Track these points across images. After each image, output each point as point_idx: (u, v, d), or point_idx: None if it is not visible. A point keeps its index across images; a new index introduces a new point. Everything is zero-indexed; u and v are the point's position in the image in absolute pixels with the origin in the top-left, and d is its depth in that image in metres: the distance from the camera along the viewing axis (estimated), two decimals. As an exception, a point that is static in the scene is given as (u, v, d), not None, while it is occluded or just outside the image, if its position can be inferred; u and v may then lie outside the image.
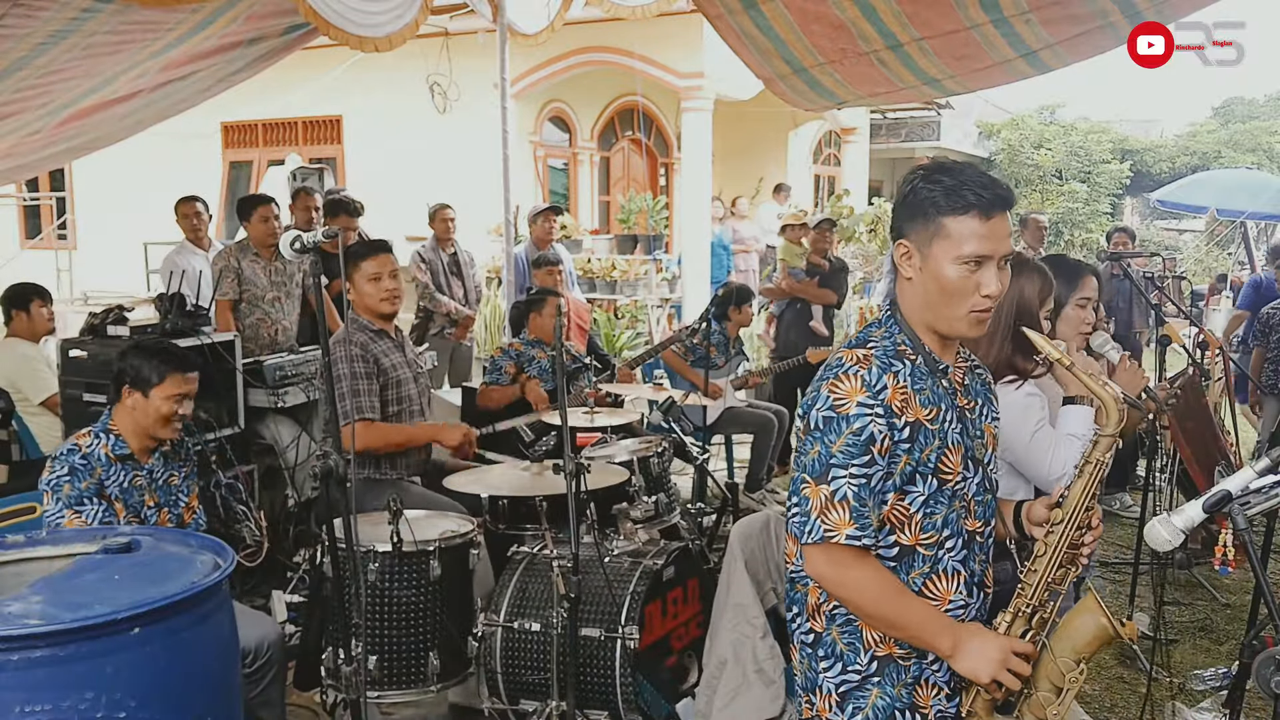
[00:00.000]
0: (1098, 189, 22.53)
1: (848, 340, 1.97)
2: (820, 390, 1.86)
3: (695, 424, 5.66)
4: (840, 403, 1.82)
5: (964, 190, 1.83)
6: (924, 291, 1.89)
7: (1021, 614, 1.90)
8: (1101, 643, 1.91)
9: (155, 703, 2.03)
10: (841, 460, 1.81)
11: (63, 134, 5.68)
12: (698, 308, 8.80)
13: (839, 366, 1.86)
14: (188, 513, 3.40)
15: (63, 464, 3.13)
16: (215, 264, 5.55)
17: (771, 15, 5.89)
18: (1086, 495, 1.90)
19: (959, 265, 1.83)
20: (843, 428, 1.81)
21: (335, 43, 4.95)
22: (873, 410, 1.81)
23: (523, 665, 3.34)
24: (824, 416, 1.83)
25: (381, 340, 4.01)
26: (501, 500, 3.86)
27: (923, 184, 1.87)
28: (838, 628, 1.93)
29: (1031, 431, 2.58)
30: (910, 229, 1.89)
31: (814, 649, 1.96)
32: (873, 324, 1.98)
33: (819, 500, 1.82)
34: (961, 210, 1.83)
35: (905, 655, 1.91)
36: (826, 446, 1.82)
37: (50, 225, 14.03)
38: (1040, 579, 1.90)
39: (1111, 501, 6.27)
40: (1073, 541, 1.91)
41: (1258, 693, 2.22)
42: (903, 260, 1.91)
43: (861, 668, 1.92)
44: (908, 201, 1.90)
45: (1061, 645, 1.90)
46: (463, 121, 11.16)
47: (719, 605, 3.37)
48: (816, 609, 1.95)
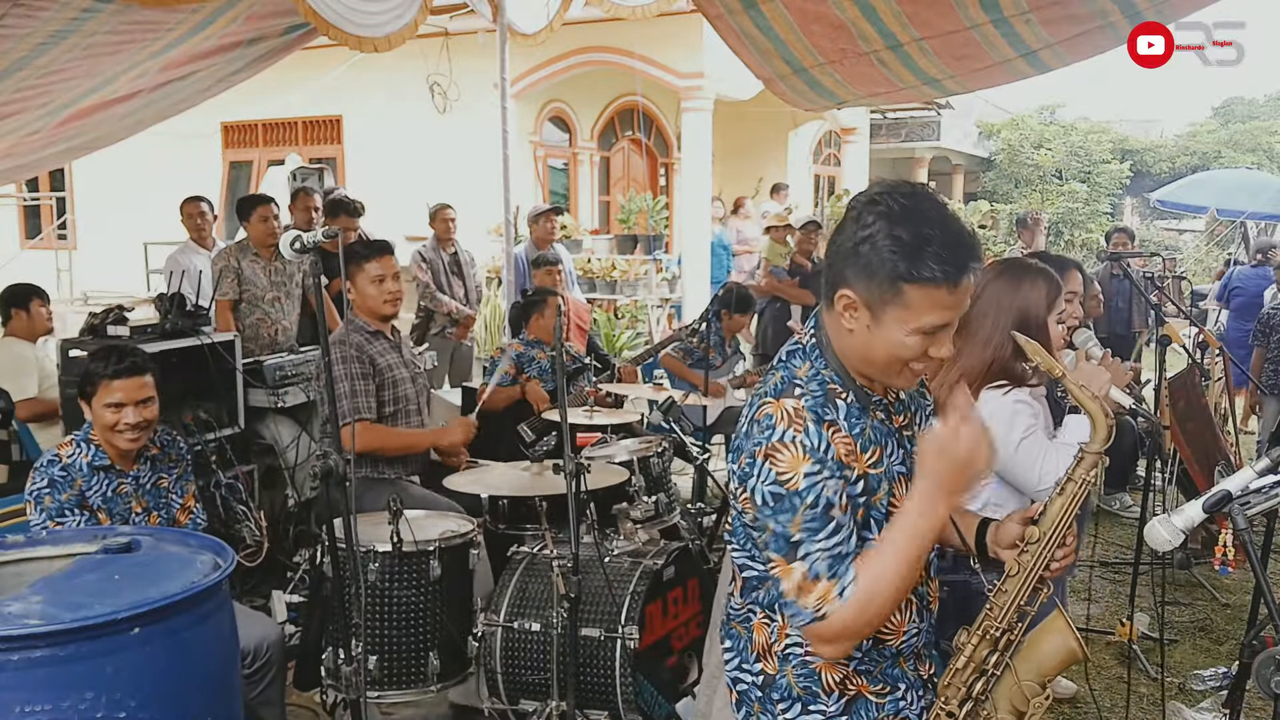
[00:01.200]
0: (1098, 189, 22.55)
1: (768, 380, 1.75)
2: (758, 461, 1.65)
3: (695, 424, 5.66)
4: (786, 476, 1.62)
5: (928, 257, 1.58)
6: (865, 348, 1.68)
7: (988, 637, 1.78)
8: (1067, 664, 1.81)
9: (155, 703, 2.04)
10: (807, 537, 1.63)
11: (63, 134, 5.68)
12: (698, 308, 8.79)
13: (770, 430, 1.64)
14: (183, 513, 3.36)
15: (42, 476, 3.07)
16: (215, 264, 5.55)
17: (771, 15, 5.89)
18: (1066, 514, 1.77)
19: (915, 336, 1.63)
20: (796, 504, 1.62)
21: (335, 43, 4.94)
22: (821, 475, 1.63)
23: (523, 665, 3.34)
24: (771, 493, 1.63)
25: (378, 341, 4.01)
26: (501, 500, 3.86)
27: (882, 237, 1.60)
28: (792, 669, 1.77)
29: (1017, 440, 2.53)
30: (859, 283, 1.64)
31: (766, 691, 1.79)
32: (794, 352, 1.77)
33: (794, 581, 1.64)
34: (927, 281, 1.59)
35: (880, 693, 1.79)
36: (784, 526, 1.63)
37: (50, 225, 14.03)
38: (1011, 600, 1.77)
39: (1111, 501, 6.27)
40: (1047, 562, 1.78)
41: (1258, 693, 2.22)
42: (844, 311, 1.67)
43: (826, 708, 1.76)
44: (859, 253, 1.62)
45: (1026, 667, 1.79)
46: (463, 121, 11.16)
47: (719, 605, 3.36)
48: (767, 650, 1.79)
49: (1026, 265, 2.75)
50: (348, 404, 3.77)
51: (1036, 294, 2.63)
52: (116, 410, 3.08)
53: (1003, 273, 2.74)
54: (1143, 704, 3.84)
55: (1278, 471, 1.84)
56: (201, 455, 4.25)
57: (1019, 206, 19.82)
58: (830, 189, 17.06)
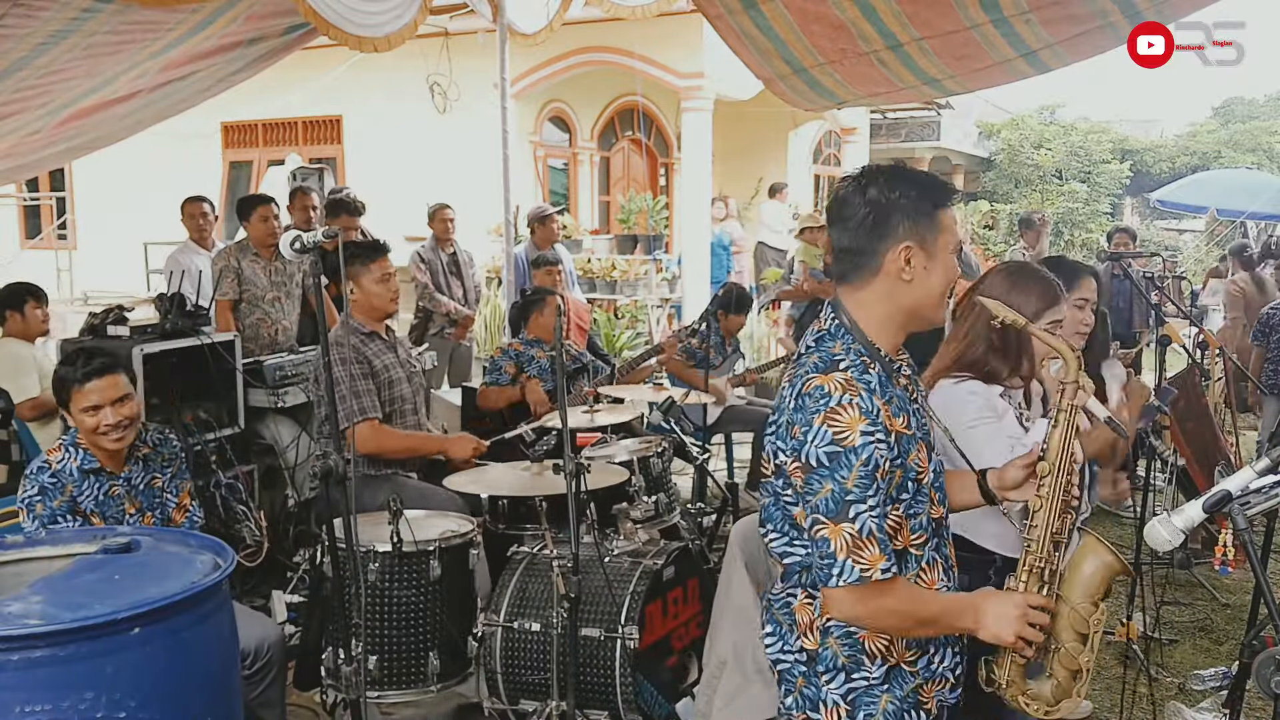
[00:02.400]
0: (1098, 189, 22.53)
1: (804, 363, 1.88)
2: (815, 426, 1.78)
3: (695, 424, 5.66)
4: (843, 435, 1.76)
5: (938, 185, 1.89)
6: (925, 288, 1.87)
7: (1034, 571, 1.92)
8: (1111, 578, 1.94)
9: (155, 703, 2.04)
10: (859, 495, 1.76)
11: (63, 134, 5.68)
12: (698, 308, 8.79)
13: (826, 398, 1.78)
14: (179, 513, 3.32)
15: (33, 483, 3.04)
16: (215, 264, 5.54)
17: (771, 15, 5.89)
18: (1066, 441, 1.93)
19: (951, 255, 1.88)
20: (852, 460, 1.76)
21: (335, 43, 4.95)
22: (875, 436, 1.77)
23: (523, 665, 3.34)
24: (827, 452, 1.77)
25: (373, 341, 4.04)
26: (501, 500, 3.86)
27: (907, 186, 1.85)
28: (836, 640, 1.89)
29: (966, 425, 2.45)
30: (910, 231, 1.84)
31: (810, 665, 1.92)
32: (823, 336, 1.91)
33: (843, 540, 1.76)
34: (946, 203, 1.88)
35: (912, 661, 1.91)
36: (839, 483, 1.76)
37: (50, 225, 14.03)
38: (1043, 533, 1.92)
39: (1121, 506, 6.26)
40: (1065, 487, 1.93)
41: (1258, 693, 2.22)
42: (907, 264, 1.85)
43: (869, 675, 1.89)
44: (896, 206, 1.84)
45: (1074, 592, 1.93)
46: (463, 121, 11.16)
47: (719, 605, 3.37)
48: (809, 626, 1.91)
49: (1029, 271, 2.69)
50: (354, 404, 3.78)
51: (1025, 301, 2.56)
52: (94, 413, 3.03)
53: (1000, 273, 2.74)
54: (1143, 704, 3.83)
55: (1278, 471, 1.84)
56: (201, 455, 4.26)
57: (1019, 206, 19.80)
58: (830, 189, 17.04)
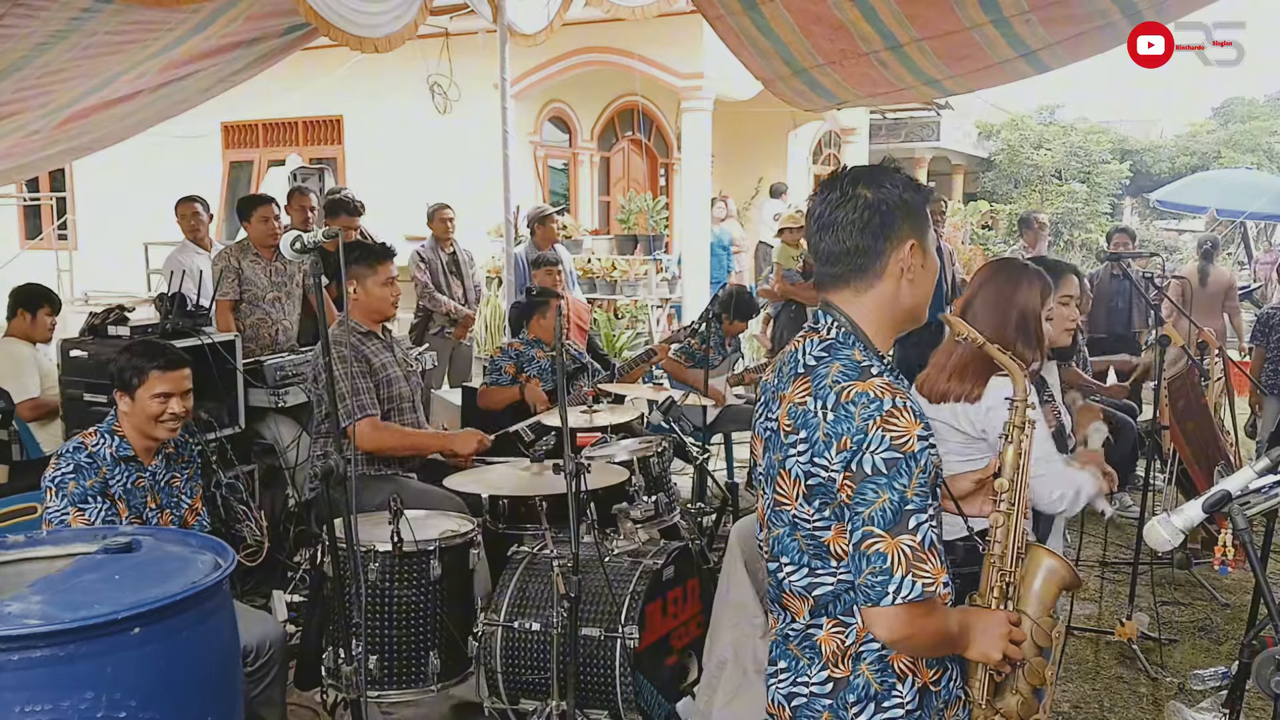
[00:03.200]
0: (1097, 189, 22.51)
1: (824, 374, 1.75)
2: (870, 432, 1.67)
3: (695, 424, 5.66)
4: (902, 440, 1.66)
5: (915, 183, 1.89)
6: (923, 285, 1.86)
7: (996, 587, 1.94)
8: (1063, 585, 1.96)
9: (156, 703, 2.03)
10: (919, 504, 1.66)
11: (63, 134, 5.68)
12: (698, 308, 8.80)
13: (878, 403, 1.67)
14: (190, 515, 3.39)
15: (68, 461, 3.11)
16: (216, 264, 5.54)
17: (771, 16, 5.89)
18: (1020, 457, 1.97)
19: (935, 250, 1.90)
20: (912, 468, 1.66)
21: (335, 43, 4.95)
22: (929, 441, 1.69)
23: (523, 665, 3.34)
24: (886, 459, 1.65)
25: (371, 341, 4.07)
26: (501, 500, 3.86)
27: (894, 187, 1.83)
28: (869, 667, 1.77)
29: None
30: (914, 229, 1.83)
31: (837, 697, 1.79)
32: (835, 346, 1.80)
33: (903, 553, 1.64)
34: (930, 199, 1.90)
35: (936, 679, 1.83)
36: (899, 491, 1.65)
37: (50, 225, 14.01)
38: (1006, 549, 1.95)
39: (1112, 501, 6.25)
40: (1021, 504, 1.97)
41: (1258, 693, 2.22)
42: (914, 260, 1.82)
43: (903, 702, 1.78)
44: (906, 205, 1.82)
45: (1031, 606, 1.94)
46: (463, 121, 11.15)
47: (719, 605, 3.37)
48: (840, 655, 1.78)
49: (1022, 265, 2.86)
50: (353, 402, 3.79)
51: (1033, 293, 2.76)
52: (164, 400, 3.17)
53: (999, 271, 2.87)
54: (1143, 704, 3.84)
55: (1278, 471, 1.84)
56: (202, 455, 4.25)
57: (1018, 207, 19.77)
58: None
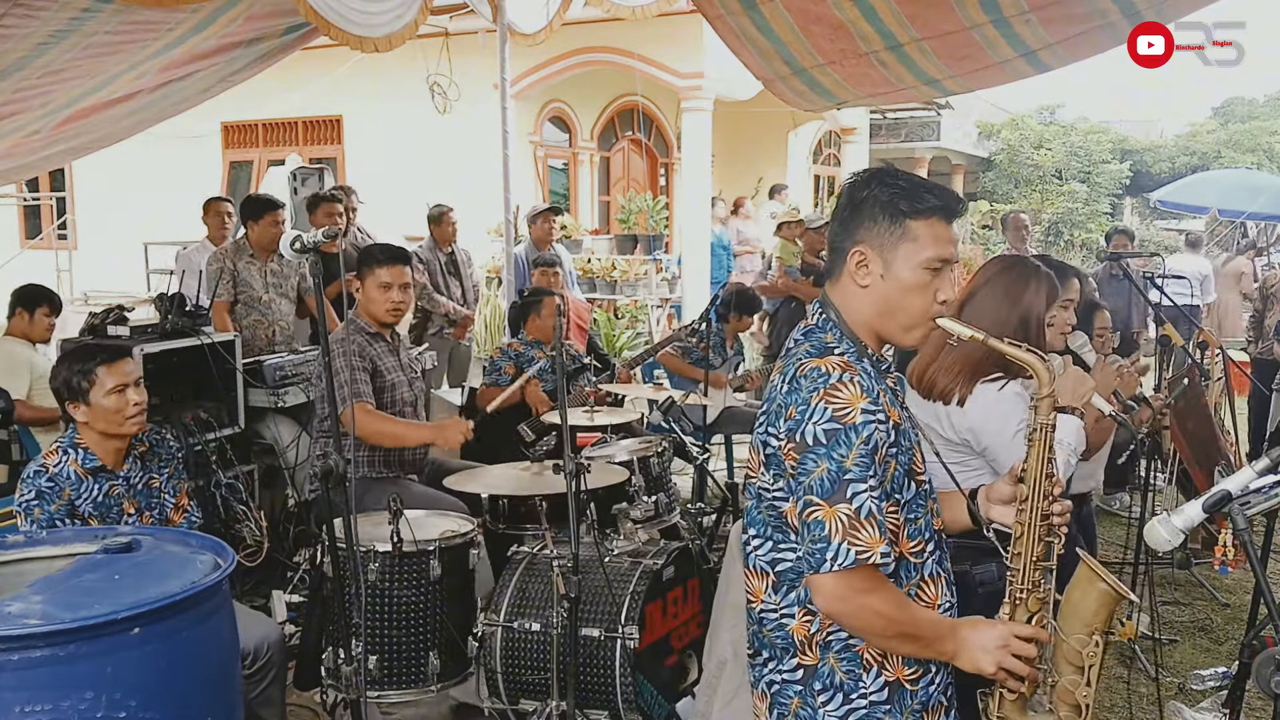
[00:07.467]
0: (1097, 189, 22.52)
1: (795, 353, 1.83)
2: (811, 404, 1.72)
3: (695, 424, 5.66)
4: (843, 411, 1.70)
5: (924, 192, 1.78)
6: (882, 299, 1.81)
7: (1020, 601, 1.84)
8: (1109, 608, 1.86)
9: (156, 703, 2.04)
10: (858, 474, 1.69)
11: (63, 134, 5.67)
12: (698, 308, 8.79)
13: (824, 377, 1.73)
14: (176, 513, 3.31)
15: (29, 487, 3.02)
16: (210, 265, 5.53)
17: (771, 16, 5.88)
18: (1043, 463, 1.86)
19: (922, 271, 1.78)
20: (852, 439, 1.69)
21: (335, 43, 4.95)
22: (876, 416, 1.72)
23: (523, 665, 3.33)
24: (825, 430, 1.70)
25: (377, 343, 4.03)
26: (501, 500, 3.86)
27: (878, 187, 1.79)
28: (835, 655, 1.80)
29: (1014, 431, 2.50)
30: (868, 234, 1.79)
31: (806, 684, 1.81)
32: (813, 330, 1.85)
33: (839, 521, 1.68)
34: (927, 213, 1.78)
35: (913, 679, 1.82)
36: (837, 461, 1.69)
37: (50, 225, 14.01)
38: (1025, 560, 1.86)
39: (1111, 501, 6.27)
40: (1044, 513, 1.86)
41: (1258, 693, 2.22)
42: (858, 268, 1.81)
43: (868, 694, 1.79)
44: (863, 205, 1.80)
45: (1070, 624, 1.86)
46: (463, 121, 11.15)
47: (719, 605, 3.37)
48: (808, 641, 1.81)
49: (1034, 266, 2.79)
50: (347, 390, 3.76)
51: (1040, 295, 2.71)
52: (121, 393, 3.06)
53: (1009, 268, 2.79)
54: (1143, 704, 3.84)
55: (1278, 471, 1.84)
56: (202, 455, 4.25)
57: (1019, 206, 19.81)
58: (830, 189, 17.05)
